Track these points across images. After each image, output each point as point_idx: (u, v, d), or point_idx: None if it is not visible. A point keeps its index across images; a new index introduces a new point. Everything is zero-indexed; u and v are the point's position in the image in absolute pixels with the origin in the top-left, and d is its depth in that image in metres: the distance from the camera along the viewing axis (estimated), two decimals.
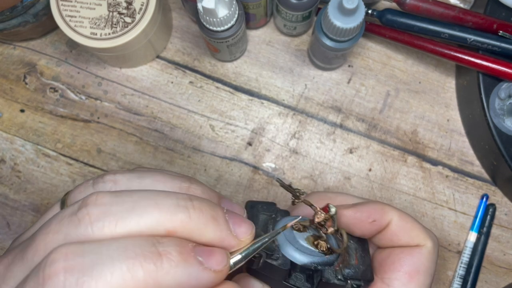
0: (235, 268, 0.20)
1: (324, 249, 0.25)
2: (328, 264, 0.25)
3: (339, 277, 0.24)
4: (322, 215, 0.24)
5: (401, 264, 0.26)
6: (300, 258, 0.24)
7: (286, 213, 0.28)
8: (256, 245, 0.20)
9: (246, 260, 0.20)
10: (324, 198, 0.29)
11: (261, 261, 0.23)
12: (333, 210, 0.24)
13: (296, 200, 0.25)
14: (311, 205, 0.25)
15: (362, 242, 0.28)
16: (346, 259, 0.26)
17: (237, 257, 0.20)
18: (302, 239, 0.25)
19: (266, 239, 0.21)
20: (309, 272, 0.24)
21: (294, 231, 0.25)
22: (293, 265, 0.24)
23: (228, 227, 0.20)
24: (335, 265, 0.25)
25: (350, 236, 0.27)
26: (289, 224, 0.23)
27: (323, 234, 0.25)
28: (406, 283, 0.26)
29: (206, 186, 0.24)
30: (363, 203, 0.28)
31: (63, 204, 0.24)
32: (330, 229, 0.25)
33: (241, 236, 0.20)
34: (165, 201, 0.19)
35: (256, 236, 0.21)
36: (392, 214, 0.27)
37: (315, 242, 0.25)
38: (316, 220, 0.24)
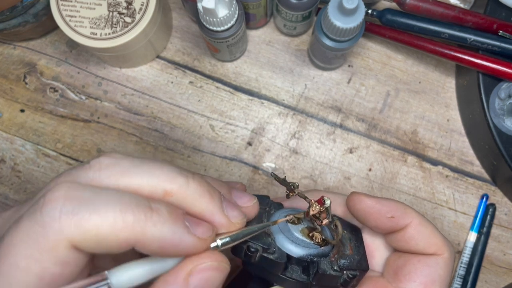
0: (222, 248, 0.21)
1: (319, 241, 0.25)
2: (323, 255, 0.25)
3: (335, 268, 0.25)
4: (317, 207, 0.25)
5: (417, 274, 0.26)
6: (296, 250, 0.25)
7: (279, 206, 0.28)
8: (246, 232, 0.22)
9: (234, 244, 0.22)
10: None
11: (258, 255, 0.23)
12: (327, 202, 0.25)
13: (291, 194, 0.25)
14: (305, 198, 0.26)
15: (356, 232, 0.28)
16: (340, 249, 0.26)
17: (226, 239, 0.21)
18: (297, 231, 0.26)
19: (256, 229, 0.22)
20: (304, 264, 0.25)
21: (289, 224, 0.26)
22: (289, 257, 0.24)
23: (221, 205, 0.21)
24: (330, 256, 0.25)
25: (344, 226, 0.28)
26: (280, 221, 0.24)
27: (318, 226, 0.25)
28: None
29: (210, 177, 0.25)
30: (386, 198, 0.27)
31: None
32: (325, 221, 0.25)
33: (232, 219, 0.22)
34: (170, 167, 0.21)
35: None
36: (412, 216, 0.27)
37: (310, 234, 0.25)
38: (311, 212, 0.25)
